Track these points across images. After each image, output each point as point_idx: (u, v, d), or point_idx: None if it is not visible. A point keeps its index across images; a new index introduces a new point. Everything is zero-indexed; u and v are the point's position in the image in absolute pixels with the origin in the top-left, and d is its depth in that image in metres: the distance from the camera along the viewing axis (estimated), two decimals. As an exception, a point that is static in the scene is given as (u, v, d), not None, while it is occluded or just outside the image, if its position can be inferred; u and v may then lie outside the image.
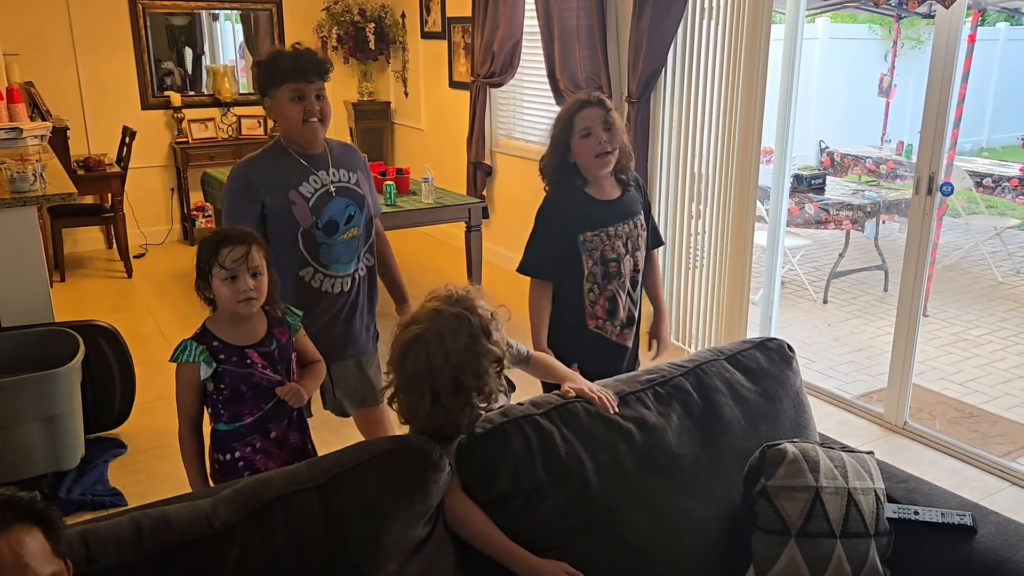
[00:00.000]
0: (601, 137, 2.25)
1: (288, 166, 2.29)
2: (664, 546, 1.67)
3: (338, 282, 2.37)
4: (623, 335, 2.42)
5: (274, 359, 1.96)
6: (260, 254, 1.90)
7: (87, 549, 1.29)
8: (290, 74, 2.20)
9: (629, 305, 2.42)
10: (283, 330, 2.01)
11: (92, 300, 5.18)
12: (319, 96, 2.24)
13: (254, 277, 1.87)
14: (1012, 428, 3.65)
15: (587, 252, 2.32)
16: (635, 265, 2.40)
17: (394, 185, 4.44)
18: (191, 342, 1.90)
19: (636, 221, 2.39)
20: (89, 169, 5.47)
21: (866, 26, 10.81)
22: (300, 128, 2.24)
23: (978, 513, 1.74)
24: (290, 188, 2.26)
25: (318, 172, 2.31)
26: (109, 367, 3.32)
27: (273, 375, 1.96)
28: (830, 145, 7.89)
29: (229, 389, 1.92)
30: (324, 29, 6.63)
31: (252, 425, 1.96)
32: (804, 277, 5.73)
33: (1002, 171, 6.37)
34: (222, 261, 1.85)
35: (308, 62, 2.22)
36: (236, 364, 1.91)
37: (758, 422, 1.88)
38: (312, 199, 2.28)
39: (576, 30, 4.50)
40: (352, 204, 2.34)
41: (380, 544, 1.44)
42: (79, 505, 2.92)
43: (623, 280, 2.38)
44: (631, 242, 2.37)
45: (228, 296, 1.86)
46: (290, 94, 2.21)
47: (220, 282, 1.86)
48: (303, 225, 2.27)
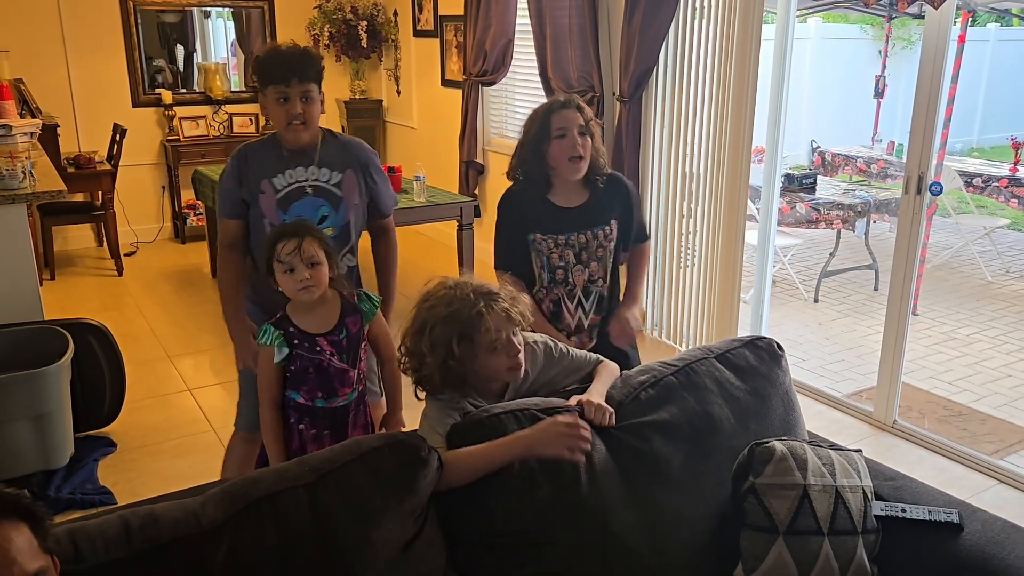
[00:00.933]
0: (576, 141, 2.22)
1: (272, 156, 2.30)
2: (653, 543, 1.67)
3: None
4: (570, 341, 2.32)
5: (342, 347, 2.06)
6: (314, 245, 1.99)
7: (75, 547, 1.29)
8: (275, 76, 2.20)
9: (580, 315, 2.36)
10: (355, 319, 2.09)
11: (82, 298, 5.16)
12: (305, 98, 2.22)
13: (311, 267, 1.97)
14: (1000, 426, 3.67)
15: (535, 252, 2.32)
16: (590, 276, 2.34)
17: (386, 183, 4.43)
18: (270, 327, 2.02)
19: (598, 232, 2.32)
20: (79, 167, 5.44)
21: (857, 26, 10.85)
22: (284, 129, 2.25)
23: (965, 511, 1.75)
24: (264, 177, 2.27)
25: (295, 168, 2.29)
26: (99, 365, 3.31)
27: (339, 363, 2.05)
28: (821, 144, 7.91)
29: (298, 368, 2.04)
30: (316, 27, 6.61)
31: (301, 406, 2.07)
32: (795, 276, 5.75)
33: (992, 171, 6.40)
34: (278, 255, 1.97)
35: (294, 65, 2.20)
36: (307, 350, 2.02)
37: (747, 420, 1.88)
38: (281, 192, 2.27)
39: (568, 29, 4.50)
40: (326, 205, 2.31)
41: (369, 542, 1.44)
42: (68, 504, 2.91)
43: (571, 289, 2.33)
44: (587, 253, 2.32)
45: (289, 287, 1.98)
46: (275, 95, 2.21)
47: (281, 275, 1.98)
48: (268, 217, 2.27)
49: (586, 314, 2.37)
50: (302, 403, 2.06)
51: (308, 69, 2.23)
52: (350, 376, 2.08)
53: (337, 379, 2.05)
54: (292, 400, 2.07)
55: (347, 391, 2.09)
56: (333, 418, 2.10)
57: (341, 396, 2.08)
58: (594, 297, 2.36)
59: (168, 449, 3.33)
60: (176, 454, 3.30)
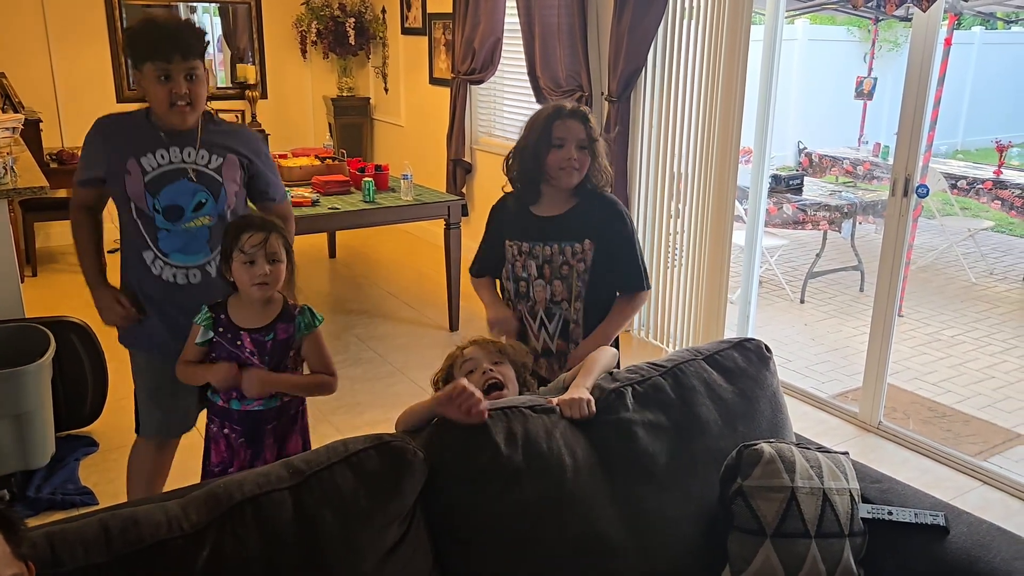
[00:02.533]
0: (572, 154, 2.13)
1: (142, 133, 2.10)
2: (640, 544, 1.67)
3: (181, 273, 2.18)
4: (541, 364, 2.23)
5: (265, 349, 2.00)
6: (279, 242, 1.96)
7: (53, 551, 1.26)
8: (156, 52, 1.97)
9: (544, 337, 2.24)
10: (288, 327, 2.03)
11: (64, 295, 5.10)
12: (190, 76, 2.01)
13: (271, 263, 1.95)
14: (984, 428, 3.69)
15: (507, 260, 2.27)
16: (552, 295, 2.21)
17: (373, 182, 4.41)
18: (206, 307, 2.03)
19: (565, 247, 2.18)
20: (62, 162, 5.38)
21: (844, 28, 10.90)
22: (166, 111, 2.03)
23: (950, 513, 1.75)
24: (131, 156, 2.08)
25: (171, 148, 2.09)
26: (81, 364, 3.27)
27: (256, 363, 2.00)
28: (808, 146, 7.94)
29: (216, 361, 2.02)
30: (303, 23, 6.58)
31: (221, 410, 2.06)
32: (782, 277, 5.77)
33: (976, 173, 6.45)
34: (242, 246, 1.92)
35: (174, 40, 1.98)
36: (228, 341, 1.99)
37: (735, 422, 1.88)
38: (151, 174, 2.08)
39: (557, 28, 4.49)
40: (203, 191, 2.12)
41: (355, 545, 1.43)
42: (48, 504, 2.87)
43: (532, 305, 2.23)
44: (549, 268, 2.19)
45: (245, 279, 1.95)
46: (155, 72, 1.99)
47: (239, 265, 1.94)
48: (135, 201, 2.11)
49: (551, 337, 2.25)
50: (221, 406, 2.06)
51: (194, 44, 2.02)
52: None
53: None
54: (215, 405, 2.08)
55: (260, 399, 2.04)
56: (248, 423, 2.04)
57: (255, 401, 2.03)
58: (558, 320, 2.22)
59: (151, 449, 3.29)
60: (159, 454, 3.25)
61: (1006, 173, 6.30)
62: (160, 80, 2.00)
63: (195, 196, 2.13)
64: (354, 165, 4.87)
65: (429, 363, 4.15)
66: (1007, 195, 6.08)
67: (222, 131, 2.22)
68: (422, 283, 5.43)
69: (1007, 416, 3.82)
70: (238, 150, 2.21)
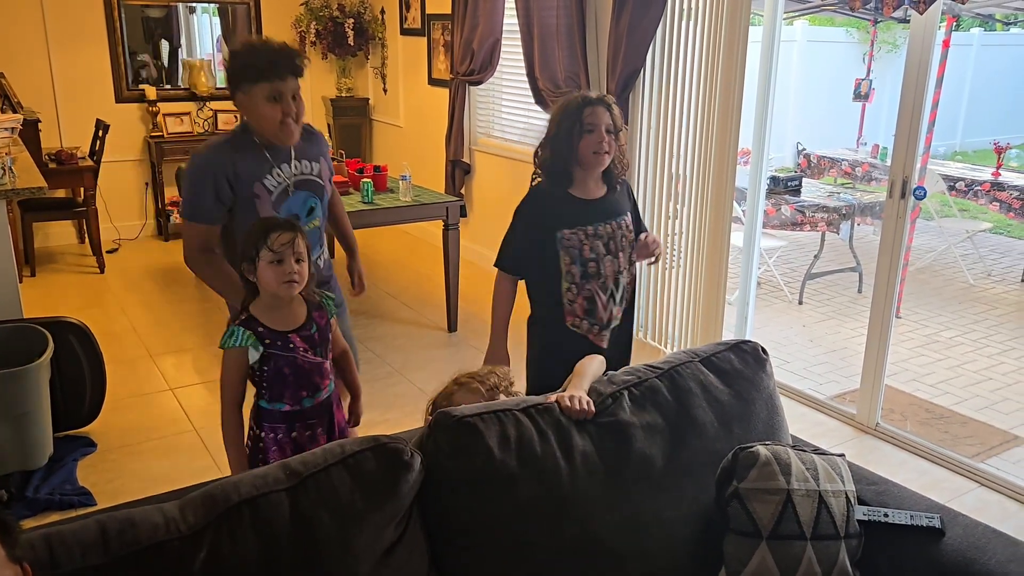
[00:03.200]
0: (603, 137, 2.28)
1: (254, 157, 2.25)
2: (635, 546, 1.67)
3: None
4: (600, 336, 2.41)
5: (315, 342, 2.07)
6: (304, 242, 2.00)
7: (51, 552, 1.26)
8: (267, 73, 2.12)
9: (612, 307, 2.40)
10: (321, 313, 2.11)
11: (63, 296, 5.11)
12: (295, 96, 2.19)
13: (297, 263, 1.97)
14: (981, 429, 3.70)
15: (564, 250, 2.33)
16: (618, 267, 2.39)
17: (371, 182, 4.41)
18: (238, 328, 1.99)
19: (620, 221, 2.39)
20: (61, 162, 5.38)
21: (843, 29, 10.91)
22: (277, 129, 2.19)
23: (946, 515, 1.75)
24: (255, 180, 2.23)
25: (280, 165, 2.26)
26: (79, 364, 3.28)
27: (314, 357, 2.06)
28: (807, 147, 7.95)
29: (272, 370, 2.02)
30: (302, 24, 6.58)
31: (289, 414, 2.07)
32: (780, 278, 5.78)
33: (975, 175, 6.46)
34: (271, 244, 1.94)
35: (286, 61, 2.15)
36: (280, 348, 2.01)
37: (731, 424, 1.88)
38: (275, 193, 2.25)
39: (556, 29, 4.50)
40: (312, 196, 2.31)
41: (351, 546, 1.43)
42: (47, 505, 2.87)
43: (603, 281, 2.37)
44: (613, 243, 2.36)
45: (272, 278, 1.96)
46: (267, 93, 2.14)
47: (266, 264, 1.95)
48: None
49: (617, 305, 2.43)
50: (288, 410, 2.06)
51: (298, 65, 2.18)
52: (325, 368, 2.11)
53: (316, 373, 2.08)
54: (278, 412, 2.06)
55: (327, 383, 2.13)
56: (321, 413, 2.12)
57: (324, 388, 2.12)
58: (622, 288, 2.42)
59: (149, 449, 3.30)
60: (157, 454, 3.26)
61: (1004, 175, 6.31)
62: (272, 100, 2.15)
63: (306, 203, 2.30)
64: (353, 166, 4.87)
65: (427, 364, 4.18)
66: (1005, 197, 6.09)
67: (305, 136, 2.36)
68: (421, 284, 5.44)
69: (1004, 418, 3.82)
70: (325, 154, 2.39)
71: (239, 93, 2.19)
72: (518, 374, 2.17)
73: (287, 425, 2.08)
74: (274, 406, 2.06)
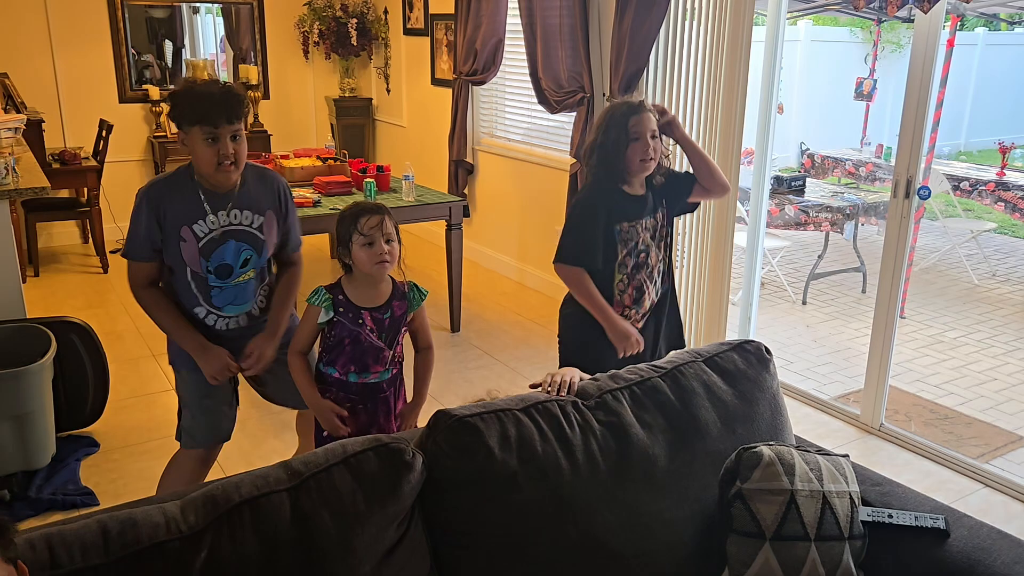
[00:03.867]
0: (648, 144, 2.40)
1: (188, 199, 2.21)
2: (637, 546, 1.67)
3: (233, 320, 2.36)
4: (639, 321, 2.56)
5: (384, 326, 2.17)
6: (392, 223, 2.13)
7: (51, 552, 1.26)
8: (203, 117, 2.12)
9: (653, 294, 2.57)
10: (402, 304, 2.21)
11: (66, 295, 5.12)
12: (234, 137, 2.15)
13: (387, 243, 2.11)
14: (986, 430, 3.69)
15: (623, 242, 2.47)
16: (659, 255, 2.55)
17: (374, 183, 4.41)
18: (322, 288, 2.14)
19: (658, 213, 2.54)
20: (64, 163, 5.39)
21: (847, 29, 10.89)
22: (213, 171, 2.16)
23: (951, 517, 1.74)
24: (183, 224, 2.20)
25: (216, 213, 2.22)
26: (82, 364, 3.28)
27: (376, 340, 2.16)
28: (810, 147, 7.93)
29: (335, 337, 2.16)
30: (305, 24, 6.58)
31: (336, 381, 2.19)
32: (783, 278, 5.76)
33: (979, 175, 6.43)
34: (361, 228, 2.09)
35: (222, 106, 2.12)
36: (350, 320, 2.14)
37: (734, 424, 1.87)
38: (203, 240, 2.21)
39: (559, 29, 4.49)
40: (248, 248, 2.27)
41: (352, 547, 1.42)
42: (49, 505, 2.87)
43: (650, 270, 2.53)
44: (655, 233, 2.53)
45: (365, 259, 2.10)
46: (203, 135, 2.12)
47: (359, 247, 2.10)
48: (190, 265, 2.23)
49: (657, 292, 2.60)
50: (337, 377, 2.19)
51: (235, 109, 2.15)
52: (384, 355, 2.19)
53: (371, 355, 2.16)
54: (329, 375, 2.20)
55: (380, 369, 2.19)
56: (366, 393, 2.20)
57: (373, 373, 2.19)
58: (659, 274, 2.59)
59: (152, 449, 3.30)
60: (160, 454, 3.26)
61: (1009, 174, 6.28)
62: (208, 142, 2.13)
63: (241, 254, 2.28)
64: (356, 166, 4.87)
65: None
66: (1010, 197, 6.06)
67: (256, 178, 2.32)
68: (423, 284, 5.38)
69: (1009, 418, 3.81)
70: (274, 204, 2.34)
71: (180, 132, 2.19)
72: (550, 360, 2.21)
73: (335, 391, 2.19)
74: (327, 370, 2.20)
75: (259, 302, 2.38)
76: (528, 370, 3.93)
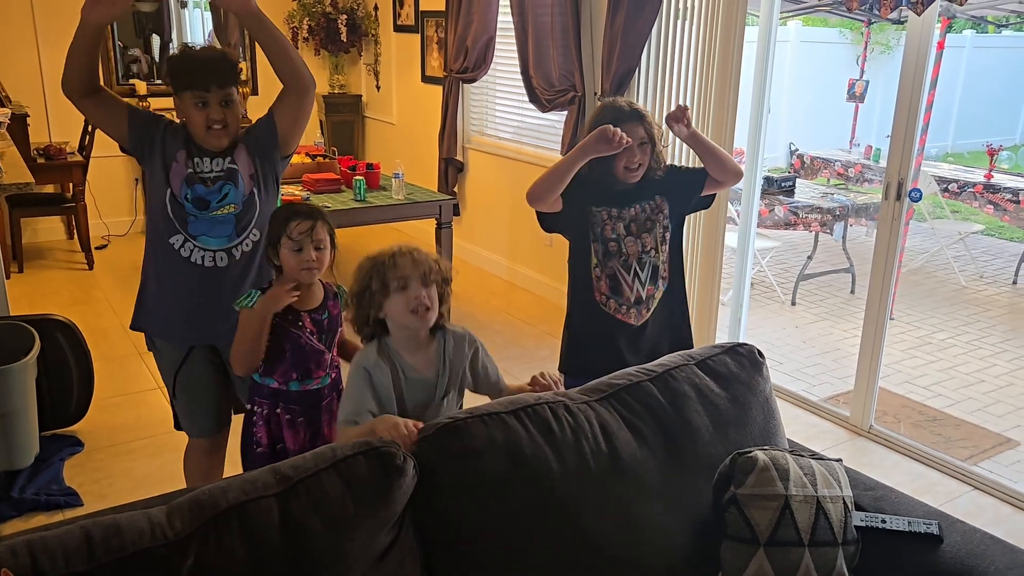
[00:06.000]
0: (635, 154, 2.33)
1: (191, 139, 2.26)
2: (630, 551, 1.65)
3: (209, 255, 2.27)
4: (629, 313, 2.46)
5: (323, 327, 2.13)
6: (325, 230, 2.07)
7: (33, 559, 1.23)
8: (193, 82, 2.16)
9: (637, 286, 2.46)
10: (336, 303, 2.17)
11: (51, 292, 5.06)
12: (226, 102, 2.19)
13: (317, 250, 2.05)
14: (974, 432, 3.70)
15: (591, 226, 2.41)
16: (643, 247, 2.44)
17: (364, 180, 4.38)
18: (255, 291, 2.08)
19: (646, 204, 2.43)
20: (50, 157, 5.33)
21: (836, 30, 10.93)
22: (204, 134, 2.21)
23: (944, 522, 1.74)
24: (183, 148, 2.24)
25: (215, 159, 2.25)
26: (66, 362, 3.24)
27: (317, 343, 2.11)
28: (800, 148, 7.95)
29: (273, 342, 2.08)
30: (295, 20, 6.53)
31: (275, 391, 2.11)
32: (773, 279, 5.77)
33: (967, 177, 6.46)
34: (290, 233, 2.03)
35: (212, 71, 2.16)
36: (289, 323, 2.08)
37: (727, 428, 1.86)
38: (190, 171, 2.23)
39: (550, 28, 4.47)
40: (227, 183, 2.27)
41: (343, 553, 1.40)
42: (32, 505, 2.83)
43: (625, 260, 2.43)
44: (635, 224, 2.42)
45: (293, 265, 2.05)
46: (193, 99, 2.17)
47: (287, 252, 2.05)
48: (172, 186, 2.23)
49: (643, 285, 2.46)
50: (276, 387, 2.11)
51: (229, 73, 2.20)
52: (325, 359, 2.13)
53: (313, 360, 2.11)
54: (266, 388, 2.11)
55: (321, 374, 2.14)
56: (307, 402, 2.13)
57: (315, 379, 2.13)
58: (648, 267, 2.46)
59: (137, 449, 3.26)
60: (145, 454, 3.23)
61: (996, 177, 6.32)
62: (198, 106, 2.17)
63: (220, 190, 2.27)
64: (345, 163, 4.84)
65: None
66: (998, 199, 6.10)
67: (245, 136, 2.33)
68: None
69: (997, 420, 3.82)
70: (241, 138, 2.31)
71: (174, 96, 2.23)
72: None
73: (271, 403, 2.12)
74: (264, 380, 2.11)
75: (245, 244, 2.30)
76: (518, 370, 3.91)
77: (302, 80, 2.31)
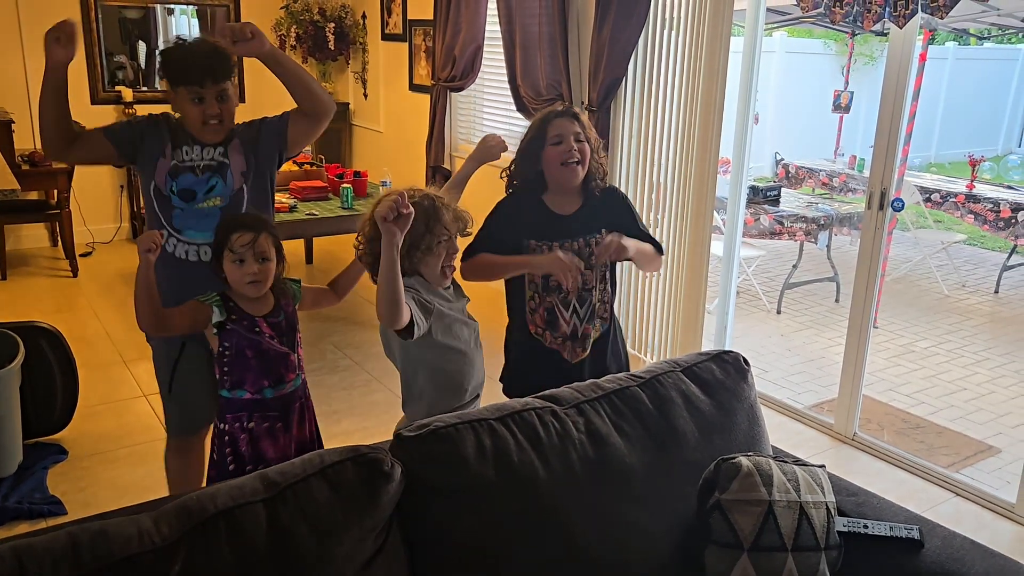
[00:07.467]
0: (572, 147, 2.26)
1: (179, 130, 2.27)
2: (614, 556, 1.66)
3: (193, 249, 2.27)
4: (566, 347, 2.37)
5: (281, 329, 2.10)
6: (269, 241, 2.03)
7: (20, 565, 1.23)
8: (188, 77, 2.16)
9: (575, 321, 2.36)
10: (287, 300, 2.14)
11: (35, 300, 5.02)
12: (221, 97, 2.20)
13: (261, 263, 2.01)
14: (956, 439, 3.73)
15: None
16: (584, 283, 2.32)
17: (351, 188, 4.38)
18: (212, 293, 2.05)
19: (590, 239, 2.32)
20: (34, 164, 5.30)
21: (821, 41, 11.04)
22: (200, 128, 2.22)
23: (925, 527, 1.76)
24: (165, 141, 2.25)
25: (205, 148, 2.26)
26: (50, 370, 3.21)
27: (279, 346, 2.08)
28: (785, 157, 8.02)
29: (234, 351, 2.04)
30: (283, 27, 6.53)
31: (250, 402, 2.07)
32: (759, 287, 5.81)
33: (949, 187, 6.54)
34: (231, 245, 1.99)
35: (207, 67, 2.15)
36: (246, 328, 2.04)
37: (712, 434, 1.88)
38: (174, 163, 2.24)
39: (538, 37, 4.50)
40: (215, 176, 2.27)
41: (330, 558, 1.40)
42: (15, 514, 2.80)
43: (564, 296, 2.33)
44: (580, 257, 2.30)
45: (236, 278, 2.02)
46: (189, 95, 2.17)
47: (229, 264, 2.01)
48: (157, 181, 2.24)
49: (581, 321, 2.37)
50: (249, 398, 2.07)
51: (224, 68, 2.19)
52: (292, 360, 2.12)
53: (280, 364, 2.08)
54: (238, 400, 2.07)
55: (292, 376, 2.12)
56: (282, 407, 2.11)
57: (288, 382, 2.11)
58: (588, 304, 2.36)
59: (122, 457, 3.24)
60: (130, 462, 3.21)
61: (978, 187, 6.40)
62: (194, 102, 2.18)
63: (208, 181, 2.26)
64: (332, 171, 4.84)
65: (406, 371, 4.13)
66: (979, 208, 6.17)
67: (244, 130, 2.35)
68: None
69: (979, 428, 3.86)
70: (239, 132, 2.33)
71: (169, 91, 2.24)
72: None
73: (248, 414, 2.08)
74: (235, 394, 2.06)
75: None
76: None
77: (323, 108, 2.34)
